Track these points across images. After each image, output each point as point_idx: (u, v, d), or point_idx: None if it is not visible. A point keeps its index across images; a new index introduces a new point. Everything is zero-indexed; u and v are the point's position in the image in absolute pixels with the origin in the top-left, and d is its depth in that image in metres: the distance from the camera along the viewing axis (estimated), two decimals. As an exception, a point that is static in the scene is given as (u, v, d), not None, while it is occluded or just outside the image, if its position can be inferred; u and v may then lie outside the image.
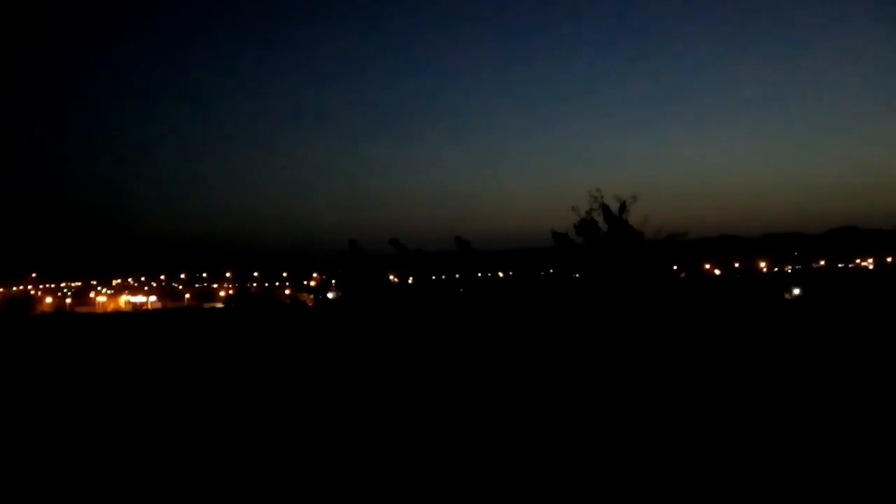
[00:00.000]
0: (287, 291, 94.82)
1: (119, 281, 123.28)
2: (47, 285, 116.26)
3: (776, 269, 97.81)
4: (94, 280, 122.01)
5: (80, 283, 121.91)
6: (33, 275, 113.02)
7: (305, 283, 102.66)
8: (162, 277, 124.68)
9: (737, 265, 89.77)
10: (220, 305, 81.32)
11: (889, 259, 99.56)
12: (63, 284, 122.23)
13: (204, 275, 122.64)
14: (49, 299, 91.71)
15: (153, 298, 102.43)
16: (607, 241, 36.69)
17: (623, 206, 37.43)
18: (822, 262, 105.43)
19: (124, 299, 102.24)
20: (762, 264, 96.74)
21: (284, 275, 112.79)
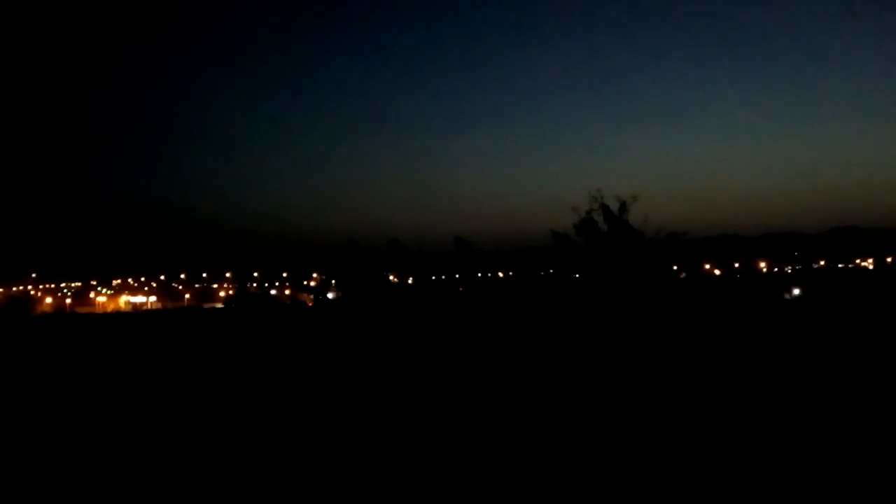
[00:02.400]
0: (287, 291, 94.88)
1: (119, 281, 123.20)
2: (47, 285, 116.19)
3: (776, 269, 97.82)
4: (94, 280, 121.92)
5: (80, 284, 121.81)
6: (33, 275, 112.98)
7: (305, 283, 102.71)
8: (162, 277, 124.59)
9: (737, 265, 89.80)
10: (219, 305, 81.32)
11: (889, 259, 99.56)
12: (63, 284, 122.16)
13: (204, 275, 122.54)
14: (49, 299, 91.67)
15: (153, 298, 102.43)
16: (607, 241, 36.74)
17: (623, 206, 37.46)
18: (822, 263, 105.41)
19: (124, 299, 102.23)
20: (762, 264, 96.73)
21: (284, 275, 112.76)
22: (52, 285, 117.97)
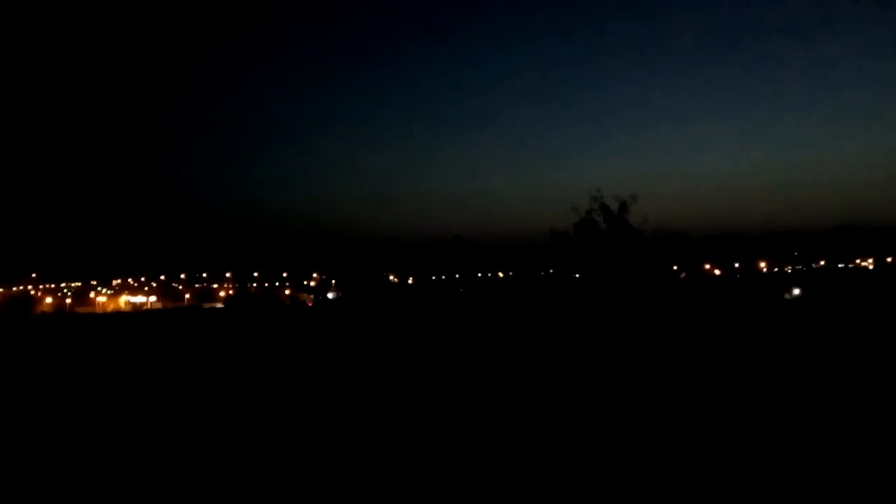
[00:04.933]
0: (287, 291, 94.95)
1: (119, 281, 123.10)
2: (47, 285, 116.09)
3: (776, 269, 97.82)
4: (94, 280, 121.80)
5: (80, 284, 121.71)
6: (33, 275, 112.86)
7: (305, 283, 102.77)
8: (162, 277, 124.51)
9: (737, 265, 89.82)
10: (219, 305, 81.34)
11: (889, 259, 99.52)
12: (63, 284, 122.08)
13: (204, 275, 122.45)
14: (49, 299, 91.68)
15: (153, 298, 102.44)
16: (607, 240, 36.86)
17: (623, 206, 37.61)
18: (823, 263, 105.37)
19: (124, 299, 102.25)
20: (762, 264, 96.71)
21: (284, 275, 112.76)
22: (52, 285, 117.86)
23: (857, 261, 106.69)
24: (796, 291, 48.88)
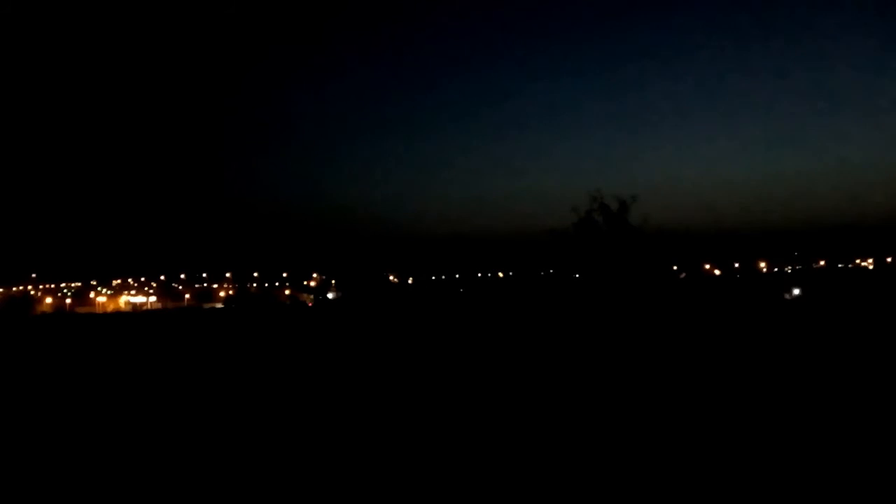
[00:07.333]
0: (287, 291, 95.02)
1: (119, 281, 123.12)
2: (47, 285, 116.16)
3: (776, 269, 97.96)
4: (94, 280, 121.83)
5: (80, 284, 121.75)
6: (33, 275, 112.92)
7: (305, 283, 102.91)
8: (162, 277, 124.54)
9: (737, 265, 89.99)
10: (219, 306, 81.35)
11: (889, 259, 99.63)
12: (63, 284, 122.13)
13: (204, 275, 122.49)
14: (49, 299, 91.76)
15: (153, 298, 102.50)
16: (607, 240, 36.87)
17: (623, 206, 37.61)
18: (822, 263, 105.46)
19: (124, 299, 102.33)
20: (762, 264, 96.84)
21: (284, 275, 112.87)
22: (52, 285, 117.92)
23: (857, 261, 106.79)
24: (796, 291, 48.93)
